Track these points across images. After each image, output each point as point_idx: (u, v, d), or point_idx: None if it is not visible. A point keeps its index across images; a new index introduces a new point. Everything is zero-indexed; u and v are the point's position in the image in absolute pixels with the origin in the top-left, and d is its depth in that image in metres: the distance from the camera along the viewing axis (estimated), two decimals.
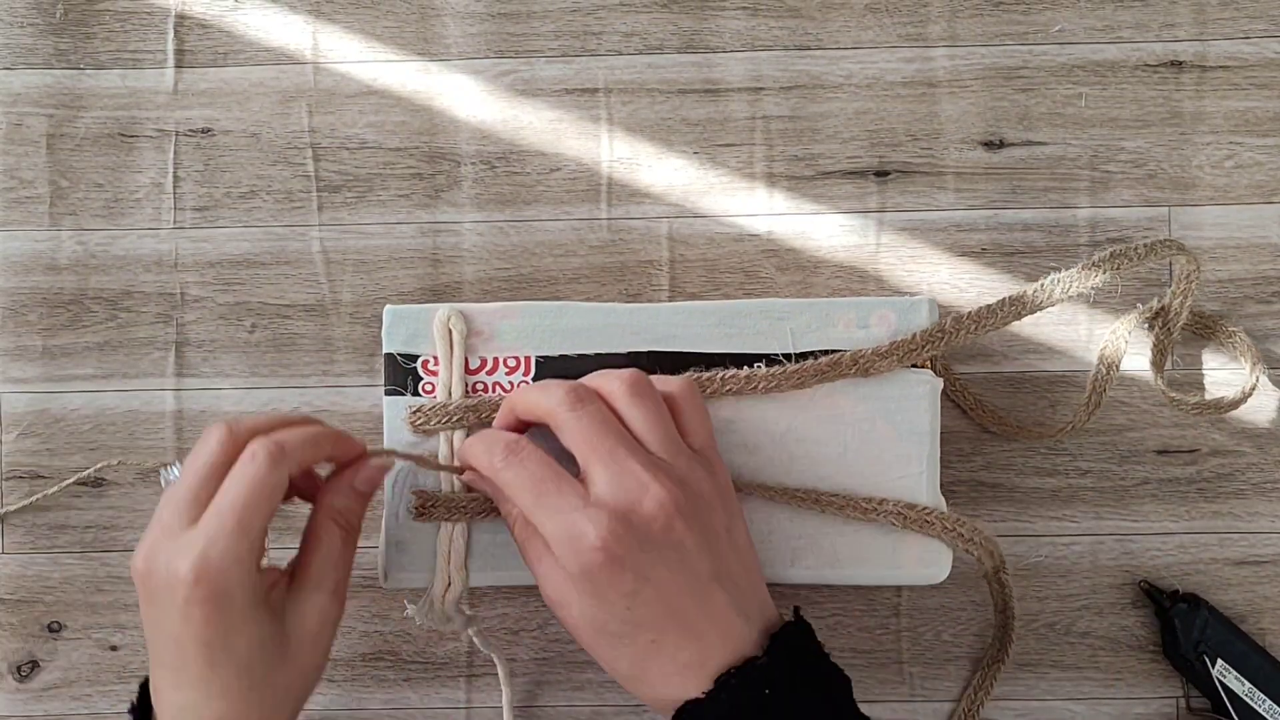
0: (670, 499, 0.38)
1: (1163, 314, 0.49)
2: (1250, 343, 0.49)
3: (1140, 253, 0.46)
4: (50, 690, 0.52)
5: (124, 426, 0.52)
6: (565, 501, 0.38)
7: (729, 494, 0.42)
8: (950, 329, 0.45)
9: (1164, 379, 0.49)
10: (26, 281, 0.52)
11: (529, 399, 0.42)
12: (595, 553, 0.37)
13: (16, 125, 0.52)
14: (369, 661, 0.52)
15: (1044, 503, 0.51)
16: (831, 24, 0.52)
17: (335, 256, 0.52)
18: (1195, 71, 0.51)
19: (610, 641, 0.39)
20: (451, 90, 0.52)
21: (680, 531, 0.38)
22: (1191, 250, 0.47)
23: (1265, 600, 0.51)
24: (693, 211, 0.52)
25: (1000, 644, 0.50)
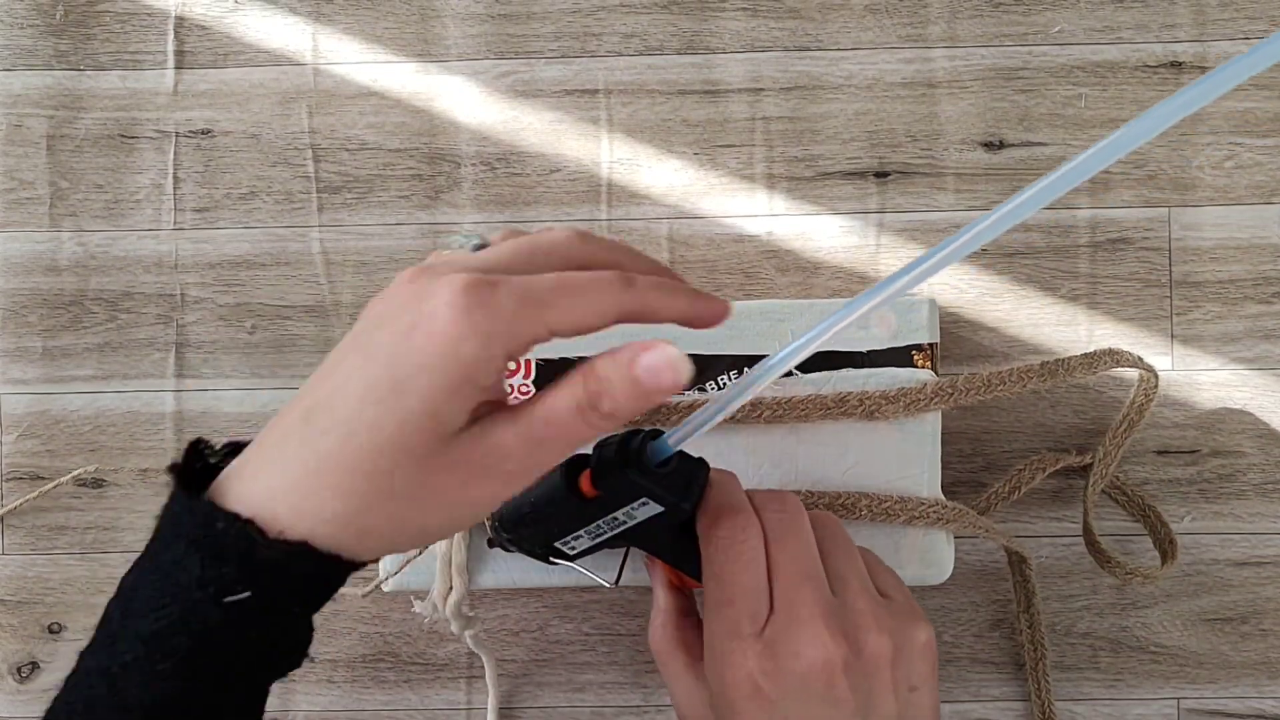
0: (839, 658, 0.35)
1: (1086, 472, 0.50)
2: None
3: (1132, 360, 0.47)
4: (50, 692, 0.52)
5: (124, 428, 0.52)
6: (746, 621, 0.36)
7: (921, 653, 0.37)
8: (961, 387, 0.45)
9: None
10: (27, 282, 0.52)
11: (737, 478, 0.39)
12: (743, 685, 0.35)
13: (17, 126, 0.52)
14: (369, 663, 0.52)
15: (1044, 503, 0.51)
16: (831, 25, 0.52)
17: (335, 257, 0.52)
18: (1195, 72, 0.51)
19: None
20: (451, 91, 0.52)
21: (842, 690, 0.35)
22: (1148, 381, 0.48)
23: (1267, 602, 0.51)
24: (692, 212, 0.52)
25: (1034, 644, 0.50)
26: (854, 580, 0.37)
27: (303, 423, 0.30)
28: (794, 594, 0.36)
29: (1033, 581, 0.50)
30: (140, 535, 0.52)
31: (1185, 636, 0.51)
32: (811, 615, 0.35)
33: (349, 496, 0.30)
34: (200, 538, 0.30)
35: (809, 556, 0.37)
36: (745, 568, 0.36)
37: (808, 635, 0.35)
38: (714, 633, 0.37)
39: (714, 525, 0.37)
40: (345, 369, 0.30)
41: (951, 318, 0.51)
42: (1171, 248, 0.51)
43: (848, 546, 0.39)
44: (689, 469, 0.38)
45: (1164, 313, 0.51)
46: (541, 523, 0.39)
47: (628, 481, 0.36)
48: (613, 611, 0.52)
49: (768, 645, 0.35)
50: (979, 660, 0.51)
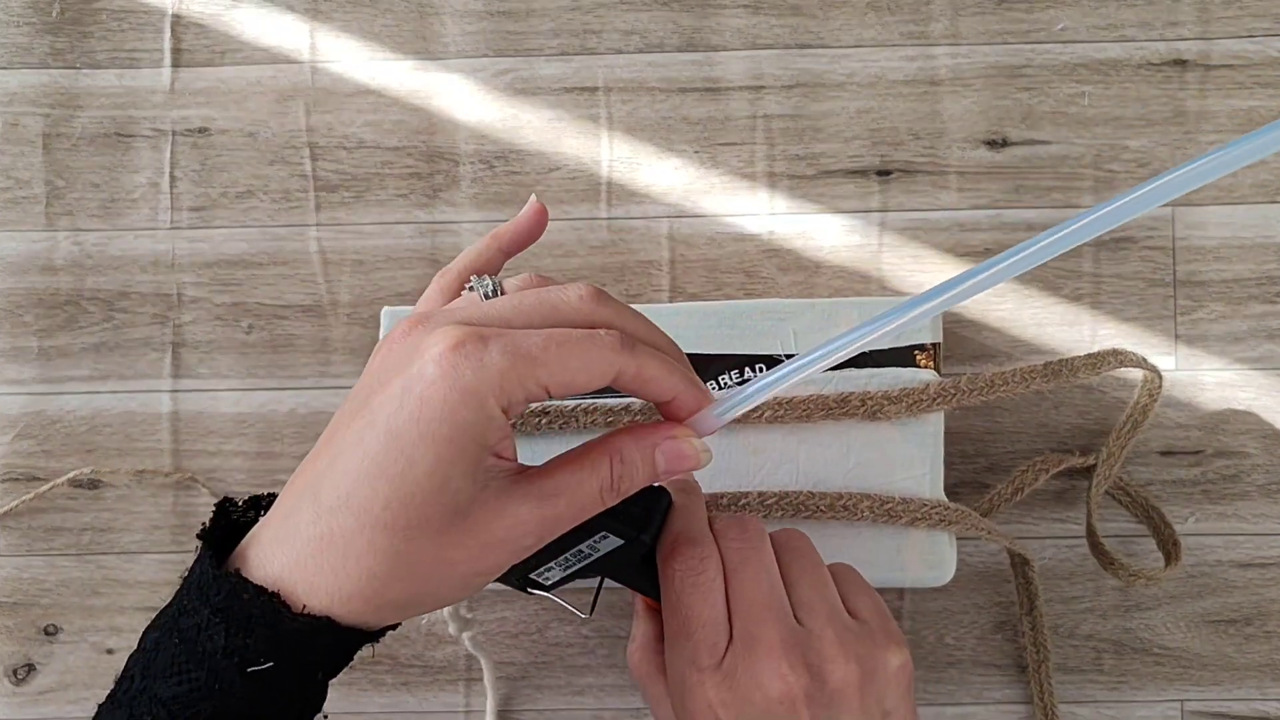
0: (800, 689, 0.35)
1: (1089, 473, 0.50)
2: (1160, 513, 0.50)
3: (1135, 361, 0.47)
4: (46, 694, 0.52)
5: (120, 428, 0.51)
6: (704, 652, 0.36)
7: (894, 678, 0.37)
8: (964, 388, 0.45)
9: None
10: (22, 282, 0.52)
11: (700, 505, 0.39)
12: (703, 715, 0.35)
13: (13, 125, 0.52)
14: (367, 665, 0.51)
15: (1047, 504, 0.51)
16: (833, 22, 0.51)
17: (333, 257, 0.52)
18: (1199, 70, 0.51)
19: None
20: (450, 89, 0.52)
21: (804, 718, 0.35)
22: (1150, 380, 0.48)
23: (1271, 603, 0.50)
24: (693, 211, 0.51)
25: (1037, 646, 0.50)
26: (819, 605, 0.37)
27: (313, 496, 0.30)
28: (752, 625, 0.36)
29: (1035, 583, 0.49)
30: (136, 536, 0.51)
31: (1189, 638, 0.51)
32: (770, 646, 0.35)
33: (369, 576, 0.30)
34: (226, 607, 0.30)
35: (768, 585, 0.36)
36: (703, 599, 0.36)
37: (767, 667, 0.35)
38: (674, 664, 0.37)
39: (671, 557, 0.37)
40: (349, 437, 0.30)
41: (954, 318, 0.51)
42: (1175, 247, 0.51)
43: (815, 569, 0.38)
44: (648, 499, 0.37)
45: (1168, 312, 0.51)
46: None
47: None
48: (612, 614, 0.51)
49: (726, 676, 0.35)
50: (981, 662, 0.51)
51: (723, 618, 0.36)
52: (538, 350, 0.30)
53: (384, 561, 0.30)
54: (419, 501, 0.29)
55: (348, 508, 0.29)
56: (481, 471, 0.30)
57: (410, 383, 0.29)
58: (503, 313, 0.32)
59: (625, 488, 0.33)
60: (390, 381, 0.30)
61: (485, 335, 0.30)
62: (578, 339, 0.31)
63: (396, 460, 0.29)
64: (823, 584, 0.38)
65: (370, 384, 0.31)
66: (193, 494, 0.51)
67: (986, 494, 0.49)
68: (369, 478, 0.29)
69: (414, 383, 0.29)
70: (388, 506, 0.29)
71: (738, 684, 0.35)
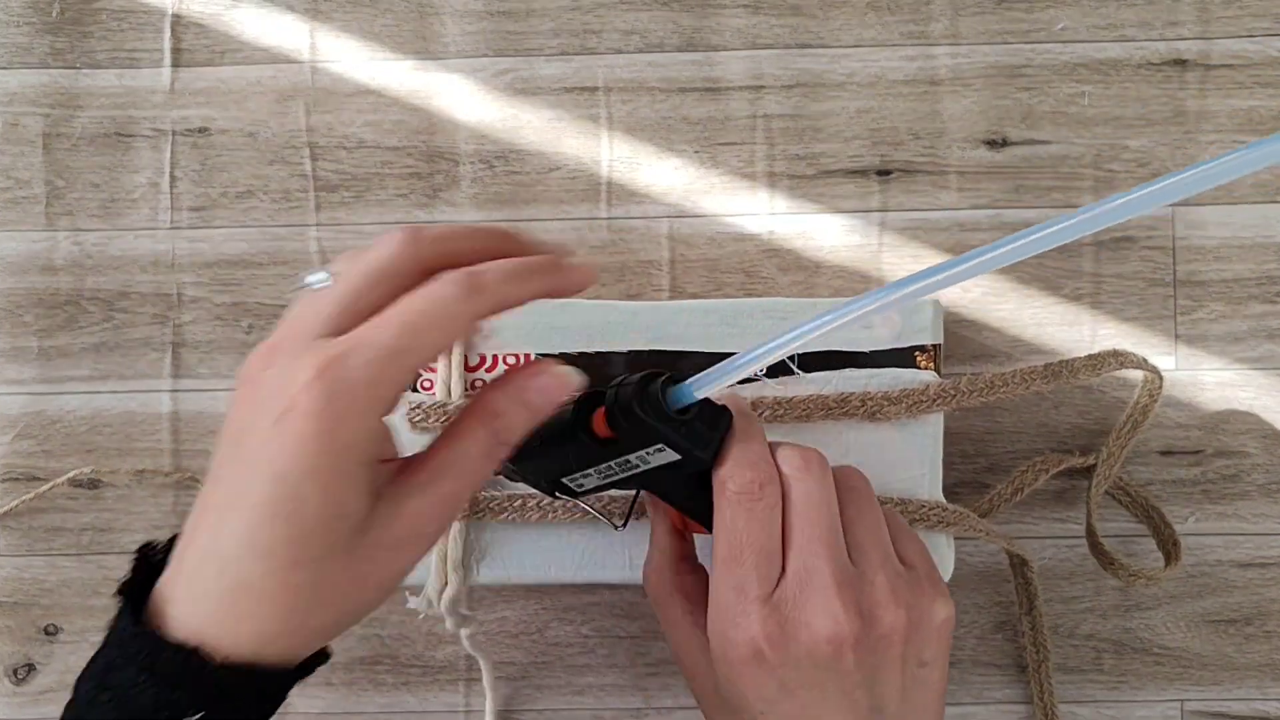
0: (850, 633, 0.34)
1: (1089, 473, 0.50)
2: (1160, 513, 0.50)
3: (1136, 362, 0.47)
4: (46, 694, 0.52)
5: (120, 428, 0.51)
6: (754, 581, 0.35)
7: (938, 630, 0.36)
8: (964, 389, 0.45)
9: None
10: (22, 282, 0.52)
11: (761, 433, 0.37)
12: (743, 647, 0.34)
13: (12, 125, 0.52)
14: (366, 665, 0.51)
15: (1047, 504, 0.51)
16: (833, 22, 0.51)
17: (333, 256, 0.51)
18: (1199, 70, 0.51)
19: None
20: (450, 89, 0.52)
21: (848, 663, 0.34)
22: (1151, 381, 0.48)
23: (1271, 603, 0.50)
24: (693, 211, 0.51)
25: (1037, 646, 0.50)
26: (875, 551, 0.36)
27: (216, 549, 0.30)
28: (808, 560, 0.35)
29: (1035, 583, 0.49)
30: (137, 536, 0.51)
31: (1189, 638, 0.51)
32: (825, 585, 0.34)
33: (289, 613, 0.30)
34: (151, 665, 0.30)
35: (828, 522, 0.35)
36: (760, 526, 0.35)
37: (819, 606, 0.34)
38: (720, 588, 0.35)
39: (730, 478, 0.35)
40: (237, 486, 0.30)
41: (955, 318, 0.51)
42: (1176, 247, 0.51)
43: (873, 512, 0.37)
44: (710, 417, 0.36)
45: (1168, 312, 0.51)
46: (549, 458, 0.37)
47: (645, 426, 0.34)
48: (612, 614, 0.51)
49: (775, 610, 0.34)
50: (981, 662, 0.51)
51: (778, 548, 0.35)
52: (393, 342, 0.29)
53: (300, 596, 0.30)
54: (320, 533, 0.29)
55: (252, 555, 0.29)
56: (371, 485, 0.30)
57: (284, 422, 0.29)
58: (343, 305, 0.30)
59: (508, 438, 0.33)
60: (262, 423, 0.29)
61: (342, 352, 0.29)
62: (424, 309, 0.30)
63: (288, 501, 0.29)
64: (878, 526, 0.37)
65: (242, 425, 0.30)
66: (193, 494, 0.51)
67: (986, 494, 0.49)
68: (265, 523, 0.29)
69: (289, 420, 0.29)
70: (290, 545, 0.29)
71: (786, 619, 0.34)
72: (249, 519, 0.29)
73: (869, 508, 0.37)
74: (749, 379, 0.45)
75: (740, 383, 0.45)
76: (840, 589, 0.34)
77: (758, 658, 0.34)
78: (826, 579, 0.34)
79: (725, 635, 0.35)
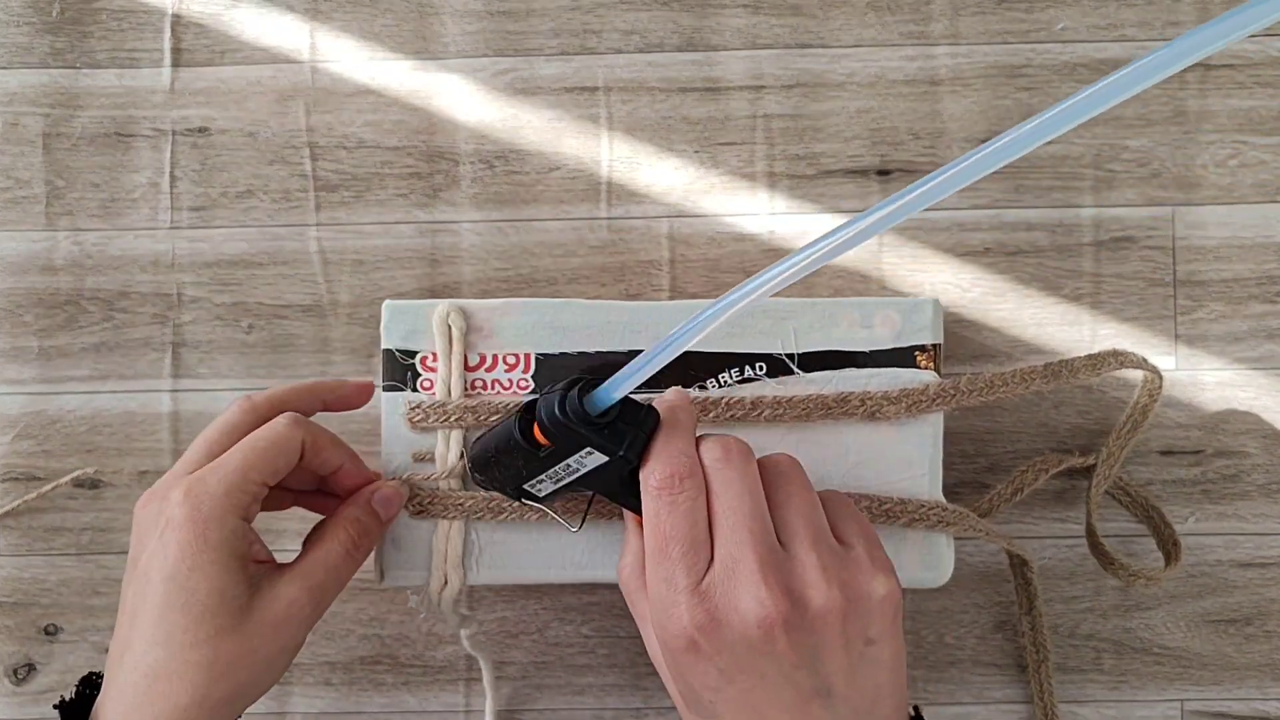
0: (779, 614, 0.34)
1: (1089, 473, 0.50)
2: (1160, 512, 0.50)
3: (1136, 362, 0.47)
4: (46, 693, 0.52)
5: (120, 428, 0.51)
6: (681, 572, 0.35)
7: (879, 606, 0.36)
8: (964, 389, 0.45)
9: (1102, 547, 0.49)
10: (22, 282, 0.52)
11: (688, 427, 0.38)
12: (678, 639, 0.35)
13: (13, 125, 0.52)
14: (367, 665, 0.51)
15: (1048, 504, 0.51)
16: (833, 22, 0.51)
17: (333, 256, 0.52)
18: (1199, 70, 0.51)
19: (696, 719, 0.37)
20: (450, 89, 0.52)
21: (782, 645, 0.34)
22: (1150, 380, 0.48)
23: (1271, 603, 0.50)
24: (693, 211, 0.51)
25: (1037, 646, 0.50)
26: (805, 531, 0.36)
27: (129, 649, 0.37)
28: (733, 547, 0.35)
29: (1035, 583, 0.49)
30: None
31: (1189, 638, 0.51)
32: (750, 570, 0.35)
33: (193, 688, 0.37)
34: None
35: (751, 508, 0.36)
36: (683, 518, 0.36)
37: (746, 591, 0.34)
38: (652, 582, 0.36)
39: (651, 474, 0.36)
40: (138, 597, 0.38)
41: (954, 318, 0.51)
42: (1176, 247, 0.51)
43: (802, 494, 0.37)
44: (634, 417, 0.37)
45: (1168, 312, 0.51)
46: (506, 468, 0.40)
47: (569, 431, 0.36)
48: (612, 613, 0.51)
49: (704, 598, 0.35)
50: (981, 662, 0.51)
51: (703, 538, 0.36)
52: (239, 462, 0.39)
53: (202, 671, 0.37)
54: (209, 616, 0.37)
55: (156, 645, 0.37)
56: (247, 576, 0.38)
57: (165, 535, 0.37)
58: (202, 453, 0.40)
59: (366, 543, 0.42)
60: (150, 542, 0.38)
61: (202, 474, 0.38)
62: (262, 434, 0.40)
63: (179, 594, 0.37)
64: (809, 508, 0.37)
65: (137, 550, 0.39)
66: None
67: (986, 494, 0.49)
68: (164, 617, 0.37)
69: (168, 533, 0.37)
70: (186, 631, 0.37)
71: (716, 607, 0.35)
72: (152, 617, 0.37)
73: (798, 490, 0.37)
74: (749, 379, 0.45)
75: (739, 382, 0.45)
76: (765, 572, 0.35)
77: (693, 647, 0.35)
78: (751, 564, 0.35)
79: (663, 627, 0.36)
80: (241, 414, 0.41)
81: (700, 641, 0.35)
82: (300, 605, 0.39)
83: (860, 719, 0.36)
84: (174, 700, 0.37)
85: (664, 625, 0.36)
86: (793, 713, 0.35)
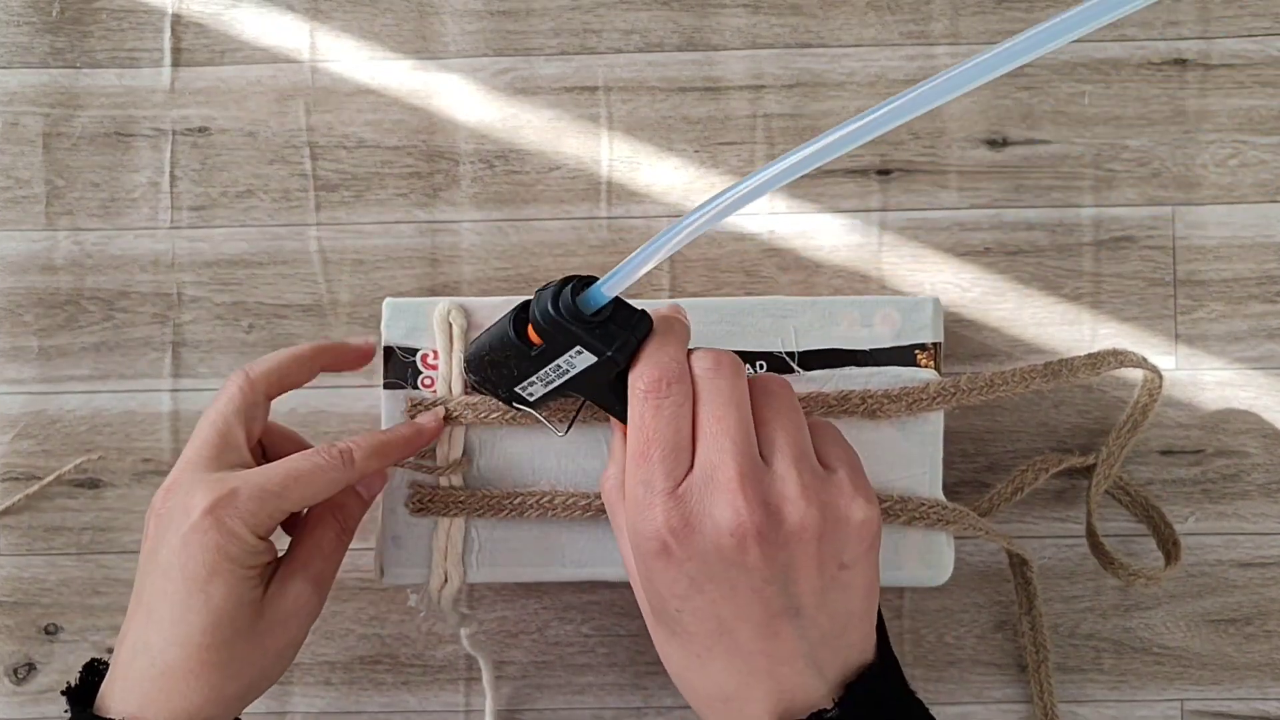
0: (753, 525, 0.34)
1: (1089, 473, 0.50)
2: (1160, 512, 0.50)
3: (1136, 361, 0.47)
4: (46, 693, 0.52)
5: (120, 428, 0.51)
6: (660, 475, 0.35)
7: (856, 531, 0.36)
8: (964, 387, 0.45)
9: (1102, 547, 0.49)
10: (22, 281, 0.52)
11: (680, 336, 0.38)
12: (651, 540, 0.35)
13: (12, 124, 0.52)
14: (367, 665, 0.51)
15: (1048, 504, 0.51)
16: (833, 21, 0.51)
17: (333, 256, 0.52)
18: (1199, 70, 0.51)
19: (663, 633, 0.37)
20: (450, 89, 0.52)
21: (754, 557, 0.34)
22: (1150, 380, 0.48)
23: (1271, 603, 0.50)
24: None
25: (1037, 646, 0.50)
26: (788, 449, 0.36)
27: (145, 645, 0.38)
28: (714, 455, 0.35)
29: (1034, 583, 0.49)
30: (137, 536, 0.51)
31: (1189, 638, 0.51)
32: (729, 478, 0.34)
33: (209, 688, 0.38)
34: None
35: (736, 418, 0.36)
36: (667, 422, 0.35)
37: (722, 498, 0.34)
38: (630, 484, 0.36)
39: (639, 377, 0.36)
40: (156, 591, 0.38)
41: (954, 317, 0.51)
42: (1176, 246, 0.51)
43: (790, 413, 0.37)
44: (627, 320, 0.37)
45: (1168, 312, 0.51)
46: (499, 369, 0.40)
47: (561, 329, 0.36)
48: (612, 613, 0.51)
49: (680, 503, 0.35)
50: (981, 662, 0.51)
51: (685, 444, 0.36)
52: (276, 488, 0.39)
53: (217, 672, 0.38)
54: (225, 621, 0.38)
55: (174, 645, 0.38)
56: (261, 579, 0.39)
57: (188, 537, 0.38)
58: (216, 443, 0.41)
59: (353, 524, 0.43)
60: (172, 540, 0.38)
61: (235, 488, 0.38)
62: (308, 469, 0.39)
63: (197, 596, 0.38)
64: (795, 428, 0.37)
65: (156, 543, 0.39)
66: None
67: (986, 493, 0.49)
68: (182, 618, 0.38)
69: (191, 536, 0.38)
70: (204, 632, 0.38)
71: (691, 512, 0.35)
72: (169, 615, 0.38)
73: (786, 409, 0.37)
74: (749, 362, 0.45)
75: None
76: (744, 482, 0.34)
77: (665, 550, 0.35)
78: (731, 472, 0.35)
79: (636, 530, 0.36)
80: (243, 396, 0.41)
81: (672, 545, 0.35)
82: (307, 598, 0.40)
83: (827, 643, 0.36)
84: (189, 698, 0.37)
85: (638, 528, 0.36)
86: (759, 628, 0.35)
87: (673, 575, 0.35)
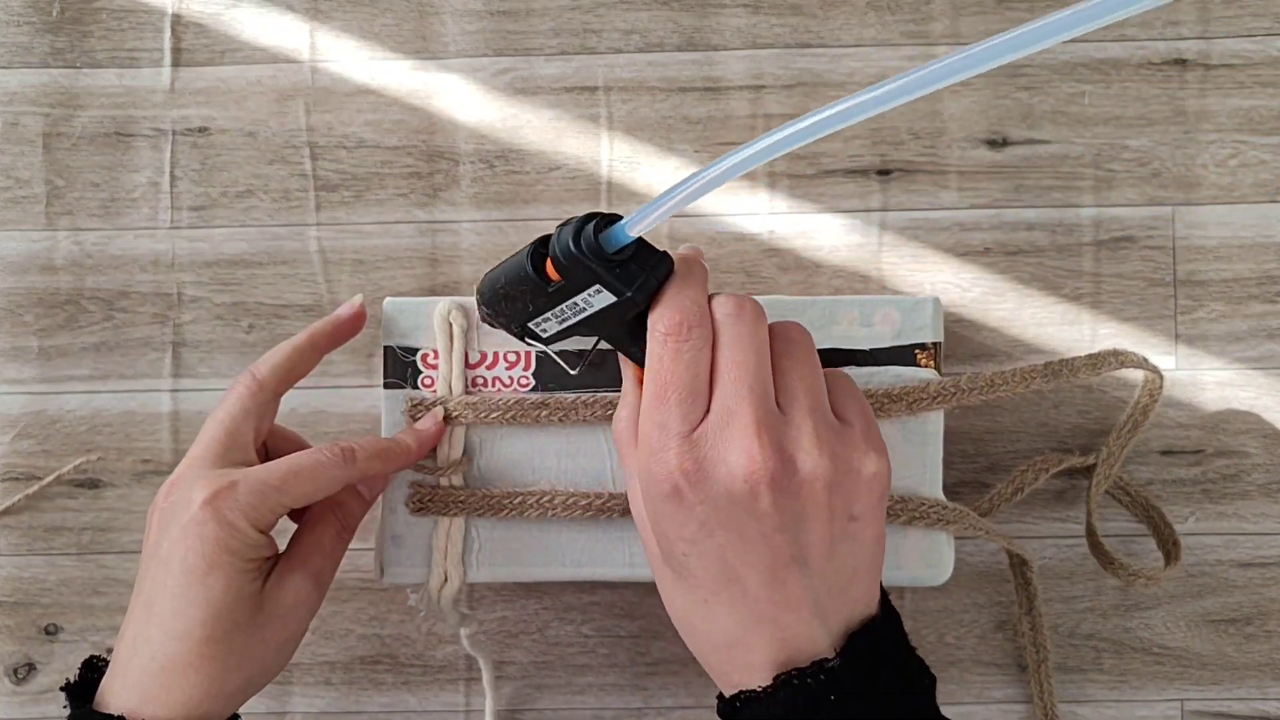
0: (766, 471, 0.34)
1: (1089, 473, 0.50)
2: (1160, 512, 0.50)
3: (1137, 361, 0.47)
4: (47, 693, 0.52)
5: (120, 428, 0.51)
6: (676, 418, 0.35)
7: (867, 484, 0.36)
8: (964, 387, 0.45)
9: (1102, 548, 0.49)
10: (22, 282, 0.52)
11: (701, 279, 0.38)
12: (663, 483, 0.35)
13: (13, 124, 0.52)
14: (367, 665, 0.51)
15: (1048, 504, 0.51)
16: (833, 21, 0.51)
17: (333, 256, 0.52)
18: (1199, 70, 0.51)
19: (669, 576, 0.37)
20: (450, 89, 0.52)
21: (765, 504, 0.34)
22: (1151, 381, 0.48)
23: (1271, 603, 0.50)
24: (693, 211, 0.51)
25: (1037, 646, 0.50)
26: (805, 398, 0.36)
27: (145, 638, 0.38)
28: (731, 401, 0.35)
29: (1034, 583, 0.49)
30: (137, 536, 0.51)
31: (1189, 638, 0.51)
32: (745, 424, 0.35)
33: (209, 681, 0.38)
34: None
35: (755, 365, 0.36)
36: (685, 366, 0.35)
37: (737, 444, 0.34)
38: (645, 426, 0.36)
39: (659, 319, 0.36)
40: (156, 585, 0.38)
41: (954, 317, 0.51)
42: (1176, 246, 0.51)
43: (808, 362, 0.37)
44: (648, 260, 0.36)
45: (1168, 312, 0.51)
46: (514, 301, 0.39)
47: (582, 266, 0.36)
48: (612, 613, 0.51)
49: (695, 446, 0.35)
50: (981, 662, 0.51)
51: (703, 389, 0.36)
52: (277, 482, 0.39)
53: (216, 665, 0.38)
54: (224, 614, 0.38)
55: (173, 638, 0.38)
56: (260, 573, 0.39)
57: (188, 529, 0.38)
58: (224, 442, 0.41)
59: (354, 523, 0.43)
60: (173, 532, 0.38)
61: (235, 481, 0.38)
62: (309, 465, 0.40)
63: (196, 590, 0.38)
64: (813, 378, 0.37)
65: (158, 537, 0.39)
66: None
67: (986, 493, 0.49)
68: (182, 612, 0.38)
69: (190, 528, 0.38)
70: (203, 625, 0.38)
71: (705, 457, 0.35)
72: (169, 609, 0.38)
73: (805, 359, 0.37)
74: None
75: None
76: (759, 429, 0.35)
77: (676, 493, 0.35)
78: (747, 418, 0.35)
79: (649, 471, 0.36)
80: (252, 397, 0.42)
81: (684, 488, 0.35)
82: (307, 594, 0.40)
83: (833, 594, 0.36)
84: (189, 692, 0.37)
85: (650, 470, 0.36)
86: (766, 575, 0.35)
87: (683, 518, 0.35)
